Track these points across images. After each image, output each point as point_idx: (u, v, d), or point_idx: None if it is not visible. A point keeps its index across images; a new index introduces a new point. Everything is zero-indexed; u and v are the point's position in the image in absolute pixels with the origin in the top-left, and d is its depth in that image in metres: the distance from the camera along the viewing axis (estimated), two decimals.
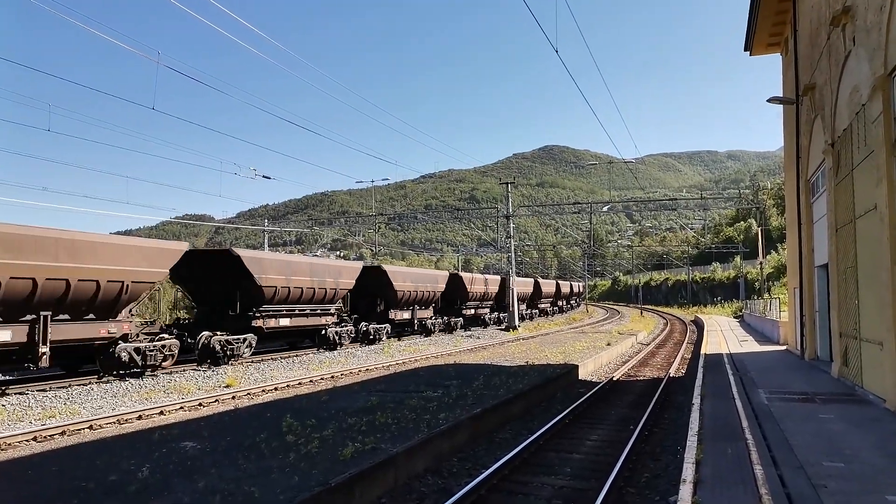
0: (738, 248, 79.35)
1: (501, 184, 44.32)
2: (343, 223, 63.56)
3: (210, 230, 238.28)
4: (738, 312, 54.04)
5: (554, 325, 47.95)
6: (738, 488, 6.32)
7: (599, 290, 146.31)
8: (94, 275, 15.30)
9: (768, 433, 8.85)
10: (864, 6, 11.17)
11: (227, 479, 7.53)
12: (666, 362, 24.34)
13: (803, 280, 18.89)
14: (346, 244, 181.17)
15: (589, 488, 8.33)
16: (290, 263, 23.11)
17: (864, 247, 11.93)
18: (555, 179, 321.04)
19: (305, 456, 8.55)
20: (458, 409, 11.96)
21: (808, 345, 18.75)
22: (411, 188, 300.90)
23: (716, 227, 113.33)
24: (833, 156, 14.40)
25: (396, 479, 8.50)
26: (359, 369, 19.67)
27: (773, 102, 18.58)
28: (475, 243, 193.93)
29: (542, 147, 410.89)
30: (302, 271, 23.12)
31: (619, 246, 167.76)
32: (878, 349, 10.86)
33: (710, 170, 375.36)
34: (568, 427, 12.35)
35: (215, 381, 16.81)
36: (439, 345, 28.91)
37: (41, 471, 8.21)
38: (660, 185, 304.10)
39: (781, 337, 25.47)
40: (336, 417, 11.31)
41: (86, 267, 15.05)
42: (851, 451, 7.68)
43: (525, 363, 20.31)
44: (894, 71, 9.92)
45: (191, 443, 9.58)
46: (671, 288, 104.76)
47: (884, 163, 10.05)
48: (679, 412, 13.71)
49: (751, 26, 21.82)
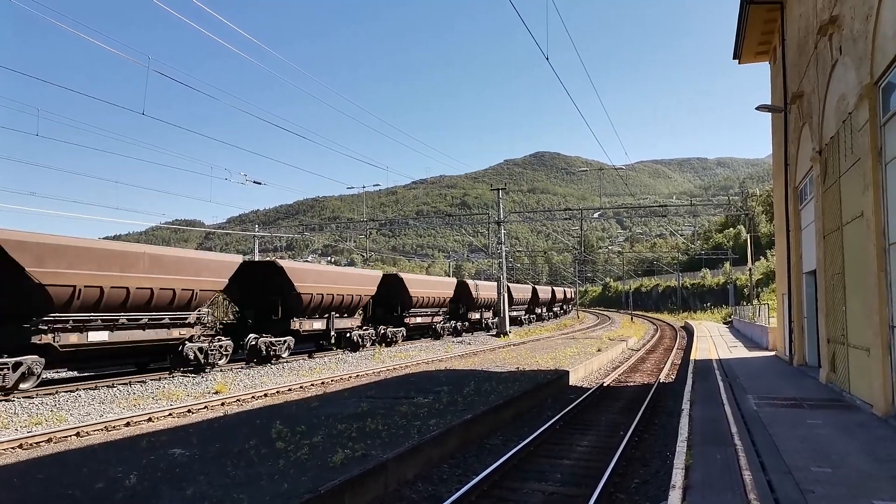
0: (727, 255, 79.84)
1: (493, 190, 44.42)
2: (334, 229, 63.40)
3: (200, 235, 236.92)
4: (727, 318, 54.36)
5: (545, 331, 48.01)
6: (727, 493, 6.34)
7: (590, 296, 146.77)
8: (172, 284, 17.82)
9: (757, 438, 8.89)
10: (850, 16, 11.31)
11: (216, 487, 7.47)
12: (656, 368, 24.41)
13: (792, 286, 19.02)
14: (337, 250, 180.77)
15: (579, 494, 8.34)
16: (323, 273, 26.35)
17: (851, 253, 12.04)
18: (546, 185, 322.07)
19: (295, 463, 8.50)
20: (448, 416, 11.94)
21: (796, 351, 18.88)
22: (403, 194, 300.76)
23: (705, 234, 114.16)
24: (820, 163, 14.55)
25: (387, 486, 8.46)
26: (349, 375, 19.61)
27: (761, 110, 18.75)
28: (466, 249, 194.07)
29: (534, 153, 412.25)
30: (332, 280, 26.11)
31: (610, 252, 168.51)
32: (865, 355, 10.95)
33: (699, 177, 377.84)
34: (558, 433, 12.35)
35: (204, 388, 16.70)
36: (430, 350, 28.87)
37: (27, 478, 8.11)
38: (650, 191, 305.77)
39: (770, 343, 25.63)
40: (326, 424, 11.25)
41: (166, 277, 17.65)
42: (839, 457, 7.73)
43: (516, 369, 20.31)
44: (880, 79, 10.04)
45: (179, 450, 9.50)
46: (661, 294, 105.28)
47: (870, 170, 10.16)
48: (669, 418, 13.75)
49: (739, 35, 22.02)
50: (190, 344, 19.17)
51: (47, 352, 15.29)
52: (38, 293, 14.80)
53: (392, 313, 32.35)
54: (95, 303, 16.05)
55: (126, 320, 17.01)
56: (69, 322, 15.56)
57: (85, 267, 15.65)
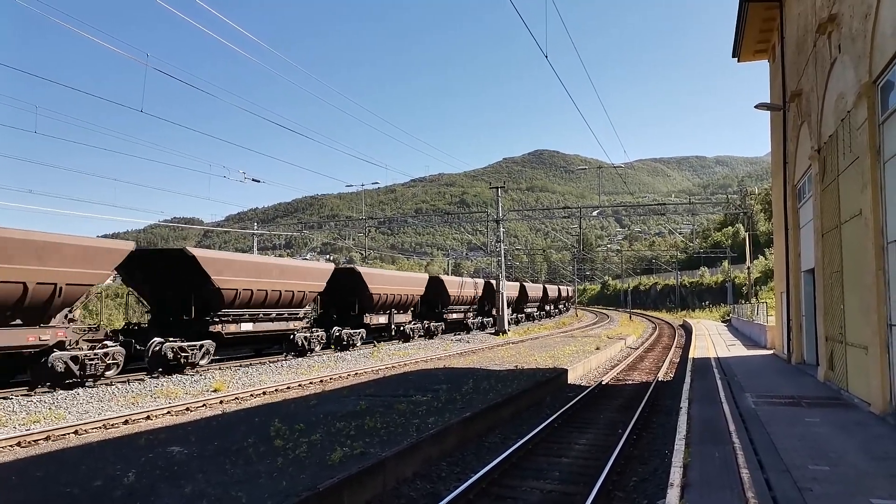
0: (725, 253, 79.92)
1: (492, 188, 44.41)
2: (333, 227, 63.38)
3: (199, 233, 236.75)
4: (725, 317, 54.40)
5: (543, 329, 48.04)
6: (725, 492, 6.35)
7: (589, 295, 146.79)
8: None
9: (755, 437, 8.90)
10: (849, 14, 11.31)
11: (215, 485, 7.47)
12: (654, 366, 24.44)
13: (790, 285, 19.05)
14: (335, 248, 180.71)
15: (577, 492, 8.34)
16: (388, 277, 28.15)
17: (850, 252, 12.05)
18: (545, 184, 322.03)
19: (294, 461, 8.50)
20: (447, 414, 11.94)
21: (794, 349, 18.90)
22: (401, 192, 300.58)
23: (704, 232, 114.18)
24: (819, 162, 14.56)
25: (385, 484, 8.47)
26: (348, 373, 19.62)
27: (760, 109, 18.76)
28: (465, 247, 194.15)
29: (533, 151, 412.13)
30: (395, 282, 28.03)
31: (609, 250, 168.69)
32: (863, 353, 10.97)
33: (698, 175, 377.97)
34: (557, 431, 12.36)
35: (203, 386, 16.70)
36: (428, 349, 28.88)
37: (25, 476, 8.11)
38: (649, 189, 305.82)
39: (768, 341, 25.65)
40: (325, 422, 11.26)
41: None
42: (836, 455, 7.74)
43: (514, 367, 20.32)
44: (879, 78, 10.05)
45: (178, 448, 9.50)
46: (660, 292, 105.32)
47: (868, 169, 10.16)
48: (667, 416, 13.76)
49: (738, 33, 22.02)
50: (299, 333, 24.02)
51: (217, 338, 20.24)
52: (216, 295, 19.84)
53: (434, 310, 37.98)
54: (246, 302, 21.18)
55: (262, 315, 22.24)
56: (230, 316, 20.75)
57: (243, 275, 20.77)
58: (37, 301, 14.45)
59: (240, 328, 21.26)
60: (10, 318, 14.18)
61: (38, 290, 14.30)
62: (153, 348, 18.07)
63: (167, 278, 19.83)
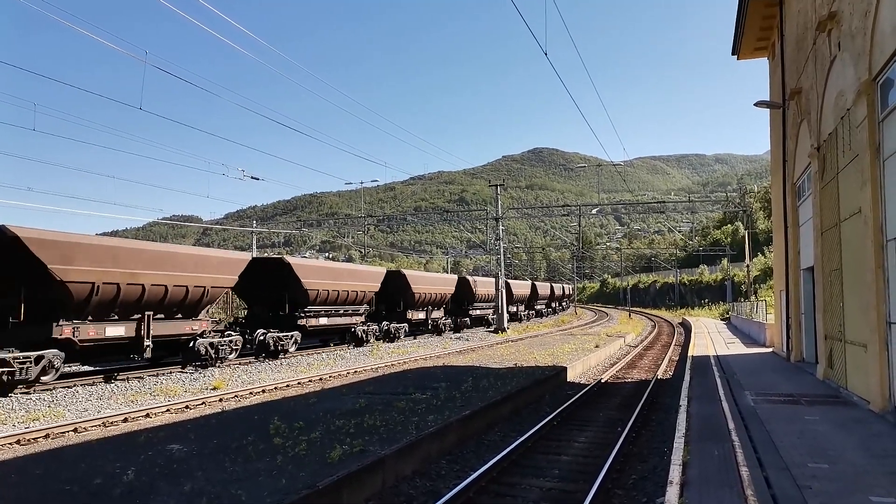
0: (725, 251, 79.89)
1: (491, 186, 44.34)
2: (332, 225, 63.34)
3: (198, 231, 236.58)
4: (725, 315, 54.42)
5: (543, 327, 48.05)
6: (724, 490, 6.35)
7: (588, 293, 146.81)
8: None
9: (754, 435, 8.91)
10: (849, 12, 11.30)
11: (214, 482, 7.47)
12: (654, 364, 24.45)
13: (789, 283, 19.05)
14: (335, 246, 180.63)
15: (577, 490, 8.34)
16: (426, 277, 30.87)
17: (849, 250, 12.06)
18: (544, 182, 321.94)
19: (293, 458, 8.50)
20: (446, 411, 11.95)
21: (793, 347, 18.92)
22: (401, 190, 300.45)
23: (703, 230, 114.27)
24: (819, 159, 14.55)
25: (384, 482, 8.47)
26: (347, 371, 19.61)
27: (760, 106, 18.74)
28: (464, 245, 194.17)
29: (532, 149, 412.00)
30: (431, 282, 30.50)
31: (608, 248, 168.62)
32: (862, 351, 10.98)
33: (697, 173, 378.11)
34: (556, 429, 12.37)
35: (202, 384, 16.69)
36: (428, 347, 28.88)
37: (24, 474, 8.10)
38: (648, 187, 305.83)
39: (768, 339, 25.67)
40: (324, 420, 11.26)
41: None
42: (836, 453, 7.75)
43: (514, 365, 20.33)
44: (878, 76, 10.04)
45: (177, 445, 9.50)
46: (659, 290, 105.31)
47: (868, 167, 10.16)
48: (666, 414, 13.77)
49: (738, 31, 22.01)
50: (359, 327, 28.18)
51: (303, 330, 24.37)
52: (305, 295, 24.10)
53: (461, 307, 41.93)
54: (324, 300, 25.43)
55: (333, 311, 26.36)
56: (312, 312, 24.91)
57: (323, 278, 25.32)
58: (193, 300, 19.02)
59: (318, 322, 25.67)
60: (175, 312, 18.71)
61: (194, 292, 18.88)
62: (259, 338, 22.31)
63: (265, 281, 23.87)
